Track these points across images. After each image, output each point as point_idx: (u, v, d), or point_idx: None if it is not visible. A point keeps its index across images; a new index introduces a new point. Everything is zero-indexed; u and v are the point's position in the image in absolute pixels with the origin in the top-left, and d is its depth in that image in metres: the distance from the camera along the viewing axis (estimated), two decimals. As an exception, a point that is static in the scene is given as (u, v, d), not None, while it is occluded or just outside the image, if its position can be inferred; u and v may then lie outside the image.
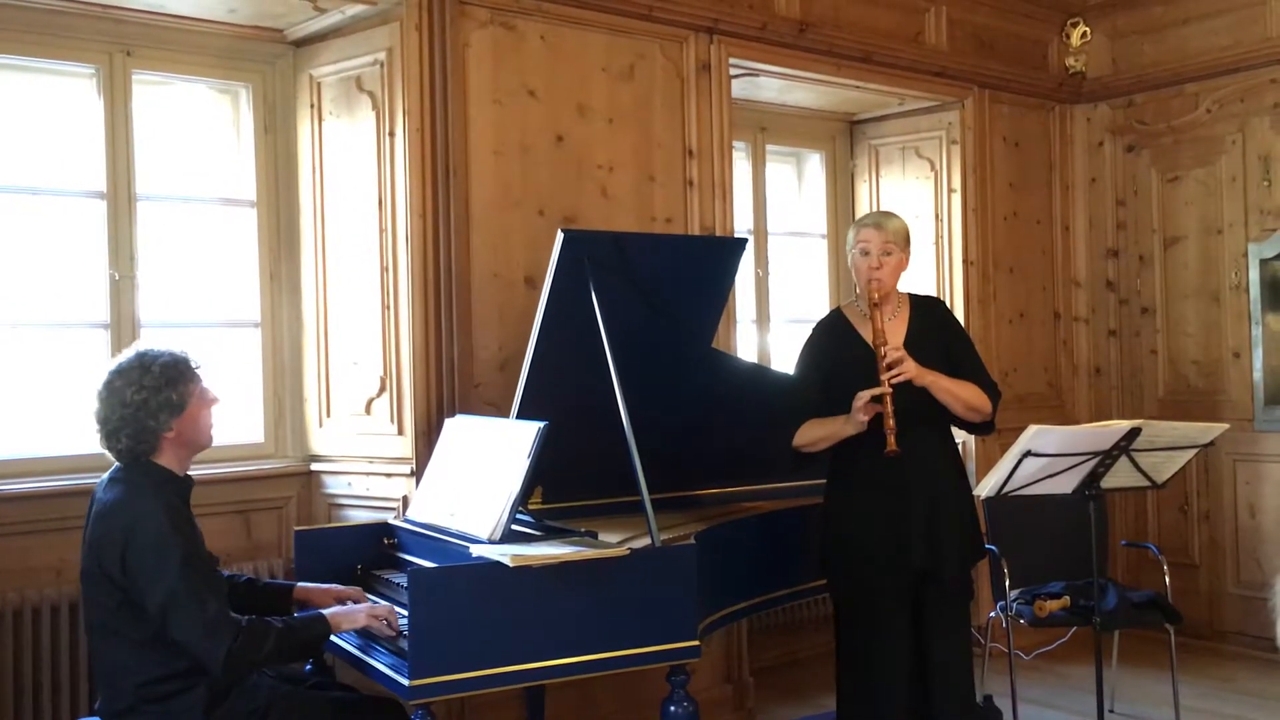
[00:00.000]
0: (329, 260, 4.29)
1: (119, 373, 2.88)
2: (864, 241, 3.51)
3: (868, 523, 3.50)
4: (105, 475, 2.96)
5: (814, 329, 3.71)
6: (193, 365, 2.95)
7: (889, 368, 3.33)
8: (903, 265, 3.58)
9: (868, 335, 3.48)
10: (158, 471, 2.89)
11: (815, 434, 3.51)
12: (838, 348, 3.59)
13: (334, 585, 3.31)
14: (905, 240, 3.58)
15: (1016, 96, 5.99)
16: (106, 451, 2.92)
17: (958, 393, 3.47)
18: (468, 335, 4.06)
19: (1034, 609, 4.36)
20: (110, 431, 2.87)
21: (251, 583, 3.25)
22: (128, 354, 2.93)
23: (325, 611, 3.00)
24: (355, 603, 3.19)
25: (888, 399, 3.31)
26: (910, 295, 3.67)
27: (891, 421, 3.29)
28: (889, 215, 3.63)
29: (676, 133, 4.64)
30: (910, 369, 3.37)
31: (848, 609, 3.63)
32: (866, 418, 3.36)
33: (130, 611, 2.78)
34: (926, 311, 3.65)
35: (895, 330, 3.53)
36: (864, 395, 3.35)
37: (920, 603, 3.53)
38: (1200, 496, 5.82)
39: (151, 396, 2.85)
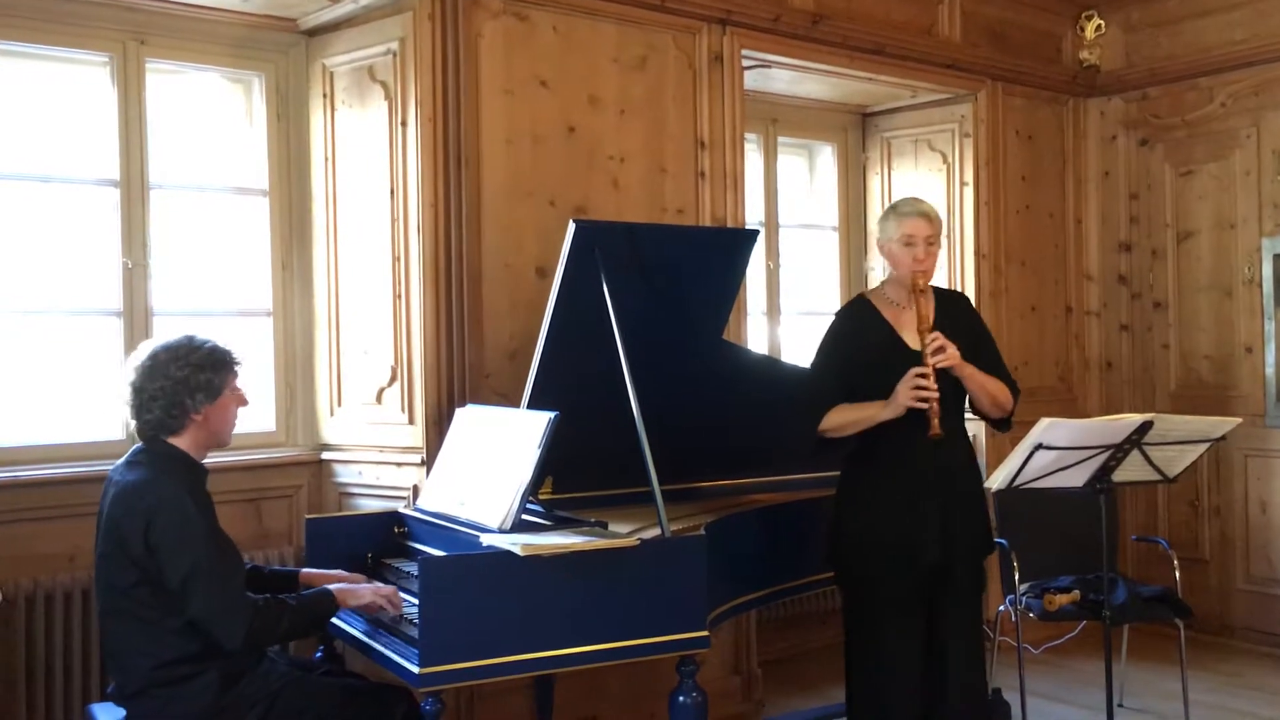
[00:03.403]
0: (341, 250, 4.30)
1: (166, 348, 2.96)
2: (909, 233, 3.47)
3: (885, 514, 3.49)
4: (122, 459, 2.99)
5: (838, 315, 3.69)
6: (235, 360, 3.04)
7: (934, 353, 3.32)
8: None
9: (895, 322, 3.50)
10: (178, 454, 2.95)
11: (846, 418, 3.46)
12: (863, 335, 3.56)
13: (338, 571, 3.34)
14: (941, 230, 3.59)
15: (1030, 89, 5.96)
16: (132, 422, 2.98)
17: (987, 385, 3.49)
18: (478, 325, 4.06)
19: (1043, 603, 4.36)
20: (143, 401, 2.92)
21: (257, 569, 3.27)
22: (176, 335, 3.02)
23: (332, 587, 3.06)
24: None
25: (932, 383, 3.30)
26: (934, 288, 3.64)
27: (936, 405, 3.29)
28: (929, 204, 3.58)
29: (688, 124, 4.64)
30: (954, 355, 3.35)
31: (859, 602, 3.60)
32: (913, 402, 3.32)
33: (147, 590, 2.81)
34: (951, 305, 3.64)
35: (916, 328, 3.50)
36: (910, 377, 3.32)
37: (934, 596, 3.53)
38: (1211, 492, 5.80)
39: (193, 375, 2.93)
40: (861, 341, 3.55)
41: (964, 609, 3.56)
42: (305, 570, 3.35)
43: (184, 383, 2.91)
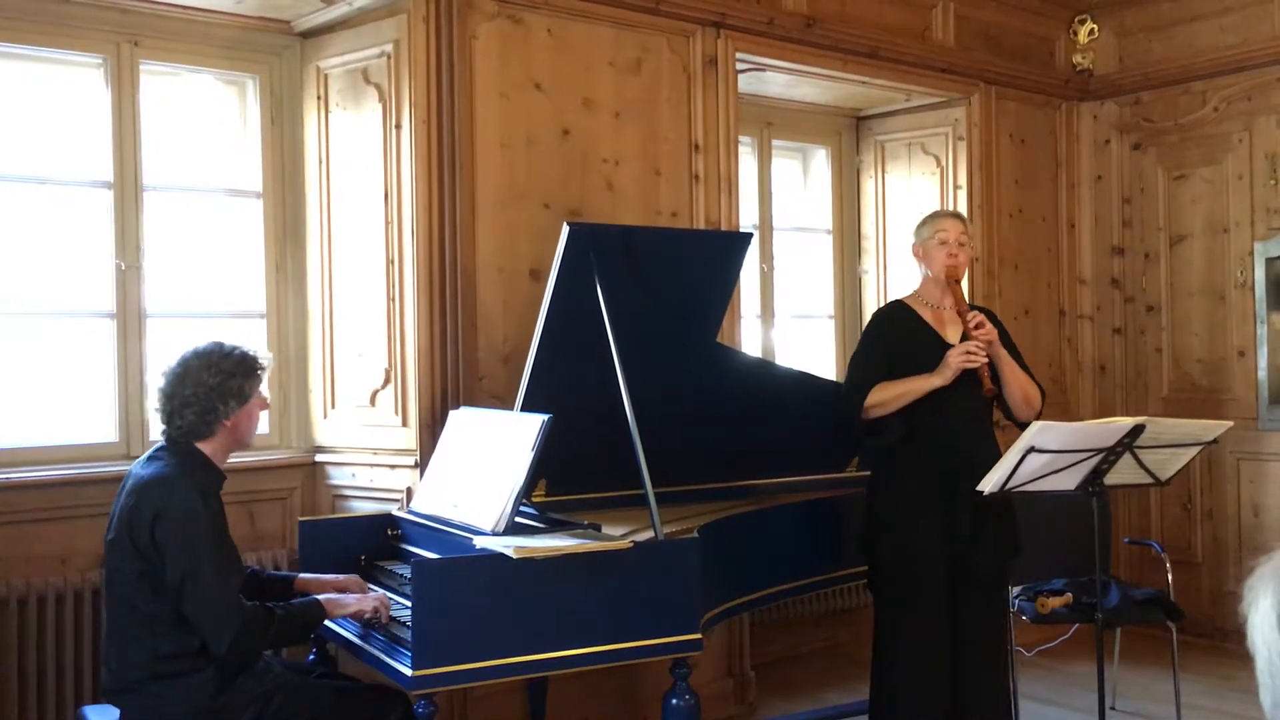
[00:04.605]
0: (334, 252, 4.30)
1: (196, 355, 3.00)
2: (943, 230, 3.71)
3: (918, 506, 3.59)
4: (145, 454, 3.03)
5: (875, 317, 3.85)
6: (262, 365, 3.09)
7: (975, 327, 3.54)
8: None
9: (931, 322, 3.69)
10: (199, 456, 2.98)
11: (893, 391, 3.59)
12: (903, 331, 3.71)
13: (333, 575, 3.34)
14: (971, 236, 3.81)
15: (1023, 93, 5.98)
16: (162, 427, 3.01)
17: (1019, 375, 3.68)
18: (472, 328, 4.06)
19: (1036, 605, 4.37)
20: (176, 408, 2.96)
21: (255, 574, 3.28)
22: (204, 341, 3.05)
23: (320, 597, 3.08)
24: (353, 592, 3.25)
25: (977, 348, 3.52)
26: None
27: (986, 366, 3.51)
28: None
29: (682, 127, 4.64)
30: (993, 332, 3.58)
31: (891, 588, 3.68)
32: (964, 364, 3.49)
33: (149, 583, 2.83)
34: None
35: (955, 326, 3.67)
36: (962, 346, 3.52)
37: (961, 596, 3.61)
38: (1203, 495, 5.81)
39: (225, 381, 2.98)
40: (902, 338, 3.70)
41: (991, 611, 3.68)
42: (301, 576, 3.35)
43: (216, 389, 2.96)
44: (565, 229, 3.31)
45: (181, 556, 2.79)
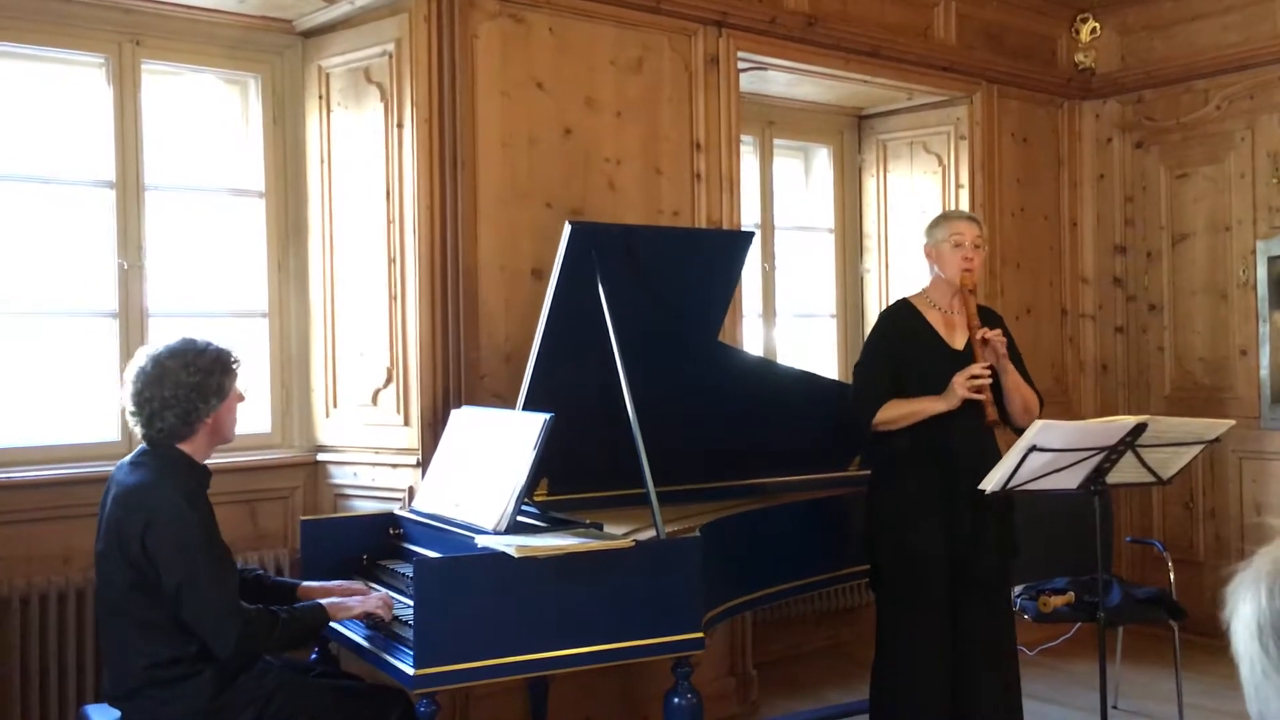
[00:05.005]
0: (336, 251, 4.30)
1: (171, 354, 2.91)
2: (959, 233, 3.68)
3: (920, 506, 3.59)
4: (126, 459, 2.99)
5: (881, 318, 3.84)
6: (236, 359, 3.02)
7: (983, 343, 3.54)
8: None
9: (938, 325, 3.68)
10: (181, 458, 2.94)
11: (900, 411, 3.60)
12: (908, 334, 3.70)
13: (337, 583, 3.33)
14: (984, 238, 3.80)
15: (1025, 92, 5.97)
16: (141, 430, 2.94)
17: (1021, 387, 3.67)
18: (474, 327, 4.06)
19: (1038, 604, 4.37)
20: (155, 410, 2.88)
21: (260, 579, 3.27)
22: (174, 339, 2.98)
23: (323, 601, 3.07)
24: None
25: (985, 375, 3.52)
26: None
27: (989, 394, 3.50)
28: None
29: (684, 126, 4.64)
30: (1002, 346, 3.57)
31: (892, 587, 3.68)
32: (969, 394, 3.49)
33: (142, 592, 2.81)
34: (986, 319, 3.74)
35: (961, 331, 3.67)
36: (967, 372, 3.51)
37: (964, 597, 3.61)
38: (1206, 494, 5.81)
39: (205, 379, 2.91)
40: (907, 341, 3.69)
41: (992, 610, 3.66)
42: (305, 584, 3.33)
43: (196, 388, 2.89)
44: (567, 228, 3.31)
45: (176, 562, 2.77)
